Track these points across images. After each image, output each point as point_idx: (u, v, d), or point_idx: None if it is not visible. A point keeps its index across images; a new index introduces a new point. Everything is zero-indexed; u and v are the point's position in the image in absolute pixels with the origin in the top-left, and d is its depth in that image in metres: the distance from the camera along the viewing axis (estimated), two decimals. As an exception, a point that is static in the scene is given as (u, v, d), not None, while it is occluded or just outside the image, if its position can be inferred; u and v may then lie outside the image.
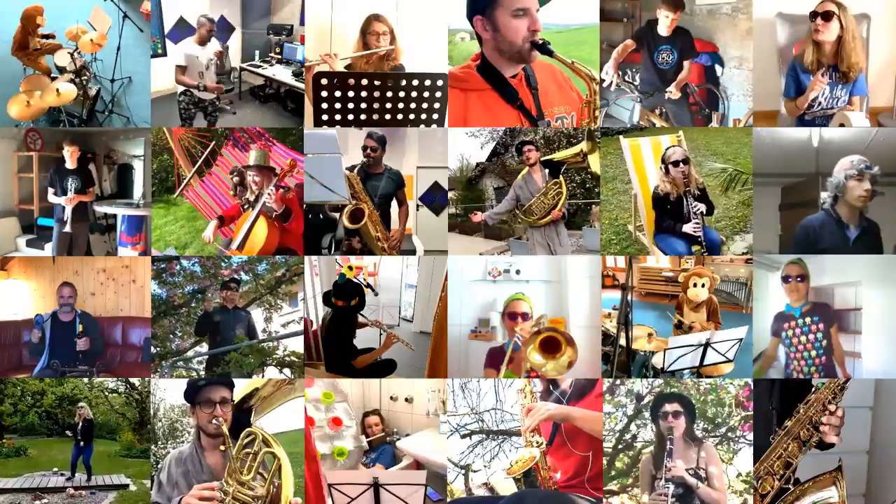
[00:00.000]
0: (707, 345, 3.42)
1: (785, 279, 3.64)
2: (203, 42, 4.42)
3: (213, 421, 2.80)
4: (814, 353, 3.60)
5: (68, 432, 4.09)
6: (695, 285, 3.85)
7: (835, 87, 3.87)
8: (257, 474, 2.70)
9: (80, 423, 3.98)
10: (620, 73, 4.22)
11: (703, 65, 4.32)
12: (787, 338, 3.65)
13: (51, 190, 4.19)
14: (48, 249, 4.25)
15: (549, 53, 3.18)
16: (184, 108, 4.41)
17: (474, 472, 3.10)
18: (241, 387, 3.21)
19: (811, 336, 3.59)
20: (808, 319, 3.60)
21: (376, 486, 2.87)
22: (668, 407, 3.19)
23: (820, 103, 3.90)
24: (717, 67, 4.31)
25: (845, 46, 3.81)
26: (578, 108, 3.47)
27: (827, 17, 3.77)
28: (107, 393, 4.09)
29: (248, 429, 2.78)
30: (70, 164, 4.16)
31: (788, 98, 4.00)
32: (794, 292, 3.63)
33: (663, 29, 4.17)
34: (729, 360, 3.48)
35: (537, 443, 2.80)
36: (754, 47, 4.12)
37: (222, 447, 2.75)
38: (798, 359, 3.63)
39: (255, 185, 3.72)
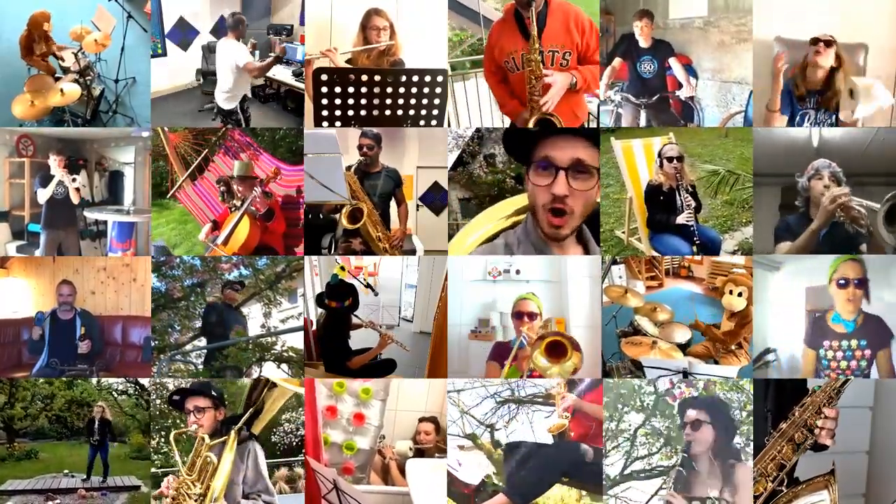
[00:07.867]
0: (686, 373, 3.23)
1: (841, 284, 3.08)
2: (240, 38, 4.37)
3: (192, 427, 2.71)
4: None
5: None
6: (730, 293, 3.68)
7: (819, 111, 3.78)
8: None
9: (97, 422, 3.97)
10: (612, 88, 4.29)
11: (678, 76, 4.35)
12: (824, 358, 3.23)
13: (39, 188, 4.18)
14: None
15: None
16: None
17: (496, 430, 3.53)
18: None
19: (853, 363, 3.18)
20: (854, 342, 3.15)
21: (337, 489, 2.87)
22: (691, 413, 2.84)
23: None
24: (692, 79, 4.34)
25: (836, 81, 3.70)
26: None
27: (829, 43, 3.69)
28: (116, 395, 4.03)
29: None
30: (55, 170, 4.17)
31: (783, 115, 3.83)
32: (851, 302, 3.06)
33: (642, 41, 4.28)
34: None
35: (566, 416, 3.38)
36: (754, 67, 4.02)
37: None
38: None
39: (240, 193, 3.93)
